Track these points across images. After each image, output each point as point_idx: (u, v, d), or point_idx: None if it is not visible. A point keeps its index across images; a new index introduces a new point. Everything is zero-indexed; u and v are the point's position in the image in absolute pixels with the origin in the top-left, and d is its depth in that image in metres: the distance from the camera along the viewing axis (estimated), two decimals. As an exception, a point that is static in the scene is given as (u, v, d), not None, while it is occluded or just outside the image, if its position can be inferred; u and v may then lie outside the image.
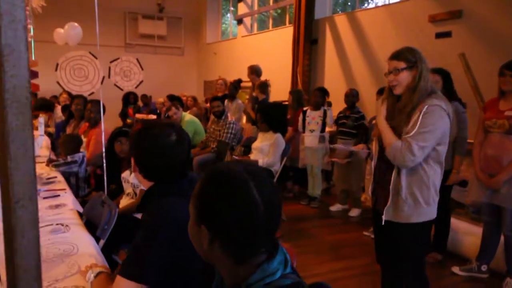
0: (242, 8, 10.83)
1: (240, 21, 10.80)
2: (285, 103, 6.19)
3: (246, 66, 7.01)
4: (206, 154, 5.42)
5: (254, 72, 6.57)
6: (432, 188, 2.21)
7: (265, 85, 6.25)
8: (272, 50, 9.15)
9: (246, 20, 10.74)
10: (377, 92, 4.12)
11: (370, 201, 2.77)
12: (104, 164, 2.73)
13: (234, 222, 0.90)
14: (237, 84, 7.04)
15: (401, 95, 2.22)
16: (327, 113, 5.25)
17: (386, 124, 2.21)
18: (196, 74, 12.82)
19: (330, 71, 7.66)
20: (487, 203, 3.26)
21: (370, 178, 2.43)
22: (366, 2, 8.20)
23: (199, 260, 1.05)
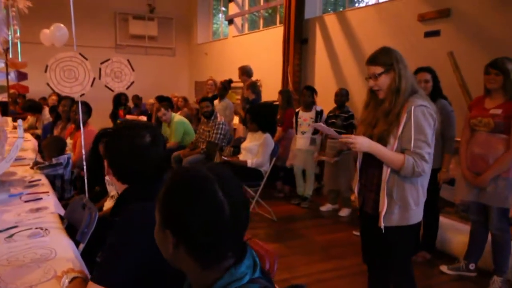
0: (233, 8, 10.79)
1: (231, 21, 10.76)
2: (275, 103, 6.17)
3: (237, 66, 7.00)
4: (196, 155, 5.40)
5: (245, 73, 6.56)
6: (420, 189, 2.20)
7: (255, 85, 6.25)
8: (263, 50, 9.13)
9: (237, 20, 10.71)
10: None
11: (358, 201, 2.75)
12: (84, 166, 2.69)
13: (198, 226, 0.88)
14: (227, 84, 7.02)
15: (384, 99, 2.20)
16: (323, 115, 5.20)
17: (383, 147, 2.11)
18: (187, 75, 12.76)
19: (321, 71, 7.64)
20: (474, 202, 3.26)
21: (356, 178, 2.40)
22: (356, 1, 8.19)
23: None
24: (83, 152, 2.84)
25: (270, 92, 7.76)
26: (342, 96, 4.97)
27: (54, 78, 11.58)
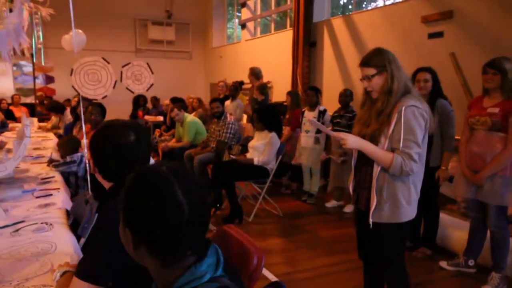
0: (245, 13, 10.77)
1: (244, 25, 10.74)
2: (284, 104, 6.12)
3: (249, 68, 6.98)
4: (206, 153, 5.38)
5: (254, 74, 6.53)
6: (412, 187, 2.13)
7: (263, 86, 6.20)
8: (273, 52, 9.08)
9: (250, 24, 10.68)
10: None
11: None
12: (86, 163, 2.68)
13: (156, 225, 0.84)
14: (238, 85, 7.01)
15: (377, 99, 2.14)
16: (326, 114, 5.13)
17: (372, 146, 2.06)
18: (203, 77, 12.79)
19: (329, 72, 7.56)
20: (473, 199, 3.16)
21: (352, 176, 2.34)
22: (365, 4, 8.07)
23: None
24: (85, 149, 2.83)
25: (281, 93, 7.70)
26: (346, 96, 4.88)
27: (79, 81, 11.73)
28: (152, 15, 11.96)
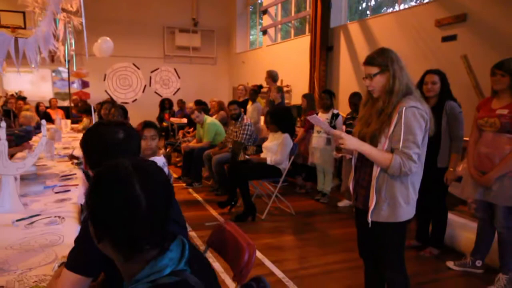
0: (267, 20, 10.75)
1: (265, 31, 10.72)
2: (302, 106, 6.06)
3: (266, 72, 6.95)
4: (224, 153, 5.39)
5: (271, 76, 6.51)
6: (411, 188, 2.05)
7: (281, 89, 6.17)
8: (292, 57, 9.01)
9: (271, 30, 10.65)
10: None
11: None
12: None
13: (112, 219, 0.82)
14: (257, 89, 7.01)
15: (378, 98, 2.08)
16: (338, 118, 5.04)
17: (370, 146, 2.00)
18: (227, 81, 12.84)
19: (345, 76, 7.44)
20: (481, 200, 3.04)
21: (352, 175, 2.28)
22: (386, 8, 7.90)
23: None
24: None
25: (299, 96, 7.62)
26: (353, 99, 4.79)
27: (111, 85, 12.08)
28: (179, 23, 12.10)
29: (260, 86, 7.34)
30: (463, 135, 3.34)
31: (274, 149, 4.50)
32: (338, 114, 5.01)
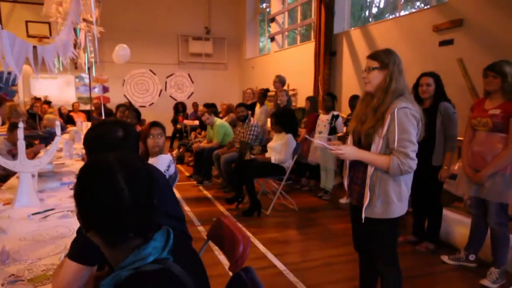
0: (274, 27, 10.74)
1: (272, 38, 10.71)
2: (305, 108, 6.03)
3: (276, 76, 6.94)
4: (232, 153, 5.39)
5: (280, 81, 6.50)
6: (403, 185, 2.01)
7: (286, 93, 6.15)
8: (298, 62, 8.99)
9: (278, 37, 10.64)
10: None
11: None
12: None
13: (96, 210, 0.83)
14: (265, 92, 7.00)
15: (374, 96, 2.05)
16: (338, 119, 5.01)
17: (369, 153, 1.96)
18: (237, 85, 12.87)
19: (347, 79, 7.39)
20: (474, 197, 2.98)
21: (346, 172, 2.25)
22: (389, 15, 7.82)
23: None
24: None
25: (304, 98, 7.61)
26: (352, 101, 4.75)
27: (130, 90, 12.18)
28: (192, 32, 12.18)
29: (267, 90, 7.32)
30: (457, 135, 3.28)
31: (278, 148, 4.49)
32: (338, 116, 4.98)
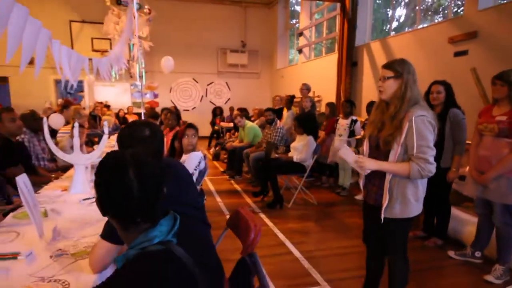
0: (302, 40, 10.66)
1: (300, 51, 10.64)
2: (325, 113, 5.94)
3: (302, 84, 6.90)
4: (259, 152, 5.41)
5: (306, 88, 6.45)
6: (420, 186, 1.92)
7: (310, 99, 6.09)
8: (323, 72, 8.88)
9: (305, 50, 10.55)
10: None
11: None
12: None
13: (109, 196, 0.88)
14: (291, 98, 6.97)
15: (389, 104, 1.93)
16: (357, 123, 4.90)
17: (387, 164, 1.87)
18: (268, 92, 12.89)
19: (367, 87, 7.21)
20: (480, 198, 2.82)
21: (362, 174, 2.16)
22: (409, 28, 7.56)
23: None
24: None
25: (327, 104, 7.52)
26: (370, 107, 4.62)
27: (175, 96, 12.48)
28: (230, 45, 12.34)
29: (293, 96, 7.28)
30: (466, 139, 3.12)
31: (300, 149, 4.46)
32: (356, 120, 4.87)
